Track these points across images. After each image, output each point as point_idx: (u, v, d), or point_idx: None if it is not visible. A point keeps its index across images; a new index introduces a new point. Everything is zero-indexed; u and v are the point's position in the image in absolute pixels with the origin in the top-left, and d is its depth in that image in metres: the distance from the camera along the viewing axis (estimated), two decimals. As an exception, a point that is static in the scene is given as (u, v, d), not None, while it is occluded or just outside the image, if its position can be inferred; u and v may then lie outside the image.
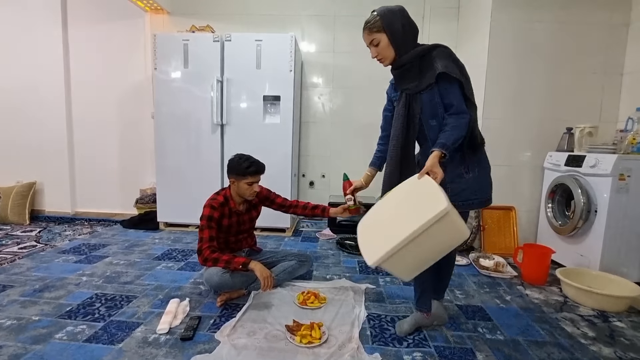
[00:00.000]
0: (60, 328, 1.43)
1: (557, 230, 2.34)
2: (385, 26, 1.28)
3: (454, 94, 1.26)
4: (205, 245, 1.65)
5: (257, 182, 1.79)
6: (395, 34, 1.28)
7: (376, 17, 1.30)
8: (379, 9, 1.31)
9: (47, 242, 2.71)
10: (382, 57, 1.34)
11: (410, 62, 1.30)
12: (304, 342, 1.35)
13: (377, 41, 1.31)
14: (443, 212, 0.99)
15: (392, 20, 1.28)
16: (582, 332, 1.56)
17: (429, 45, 1.31)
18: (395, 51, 1.31)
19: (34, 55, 3.40)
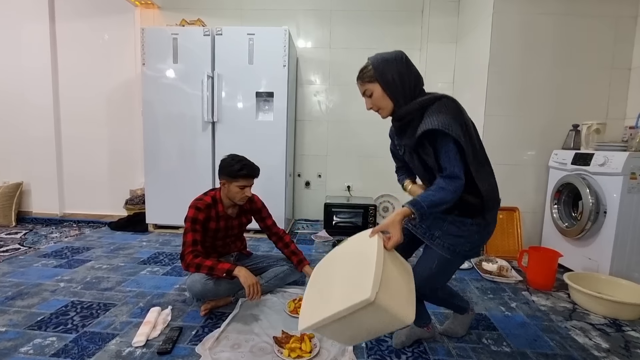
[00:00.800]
0: (28, 340, 1.31)
1: (564, 232, 2.23)
2: (378, 76, 1.15)
3: (447, 155, 1.08)
4: (188, 250, 1.53)
5: (249, 187, 1.67)
6: (390, 83, 1.14)
7: (368, 66, 1.18)
8: (373, 57, 1.20)
9: (31, 244, 2.59)
10: (378, 108, 1.21)
11: (409, 115, 1.16)
12: (293, 356, 1.24)
13: (370, 92, 1.19)
14: (365, 302, 0.81)
15: (385, 69, 1.15)
16: (594, 342, 1.44)
17: (434, 96, 1.15)
18: (392, 101, 1.17)
19: (19, 51, 3.28)
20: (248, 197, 1.67)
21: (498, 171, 2.55)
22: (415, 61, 3.28)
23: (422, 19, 3.21)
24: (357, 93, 3.43)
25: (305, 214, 3.49)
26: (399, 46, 3.17)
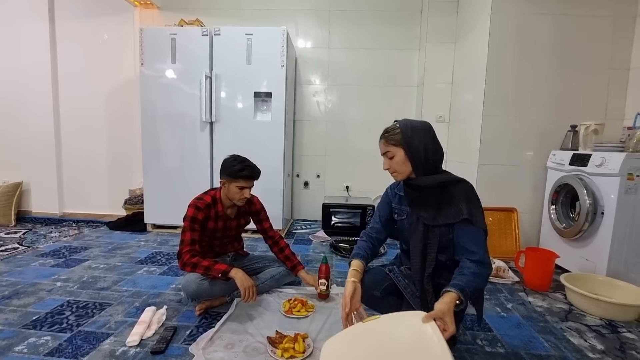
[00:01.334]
0: (23, 339, 1.32)
1: (561, 233, 2.22)
2: (405, 142, 1.16)
3: (478, 240, 1.11)
4: (185, 249, 1.53)
5: (248, 188, 1.66)
6: (414, 152, 1.16)
7: (396, 129, 1.19)
8: (402, 122, 1.20)
9: (30, 244, 2.60)
10: (395, 172, 1.22)
11: (431, 188, 1.17)
12: (286, 356, 1.24)
13: (392, 154, 1.20)
14: None
15: (412, 137, 1.16)
16: (589, 344, 1.44)
17: (454, 178, 1.19)
18: (412, 169, 1.19)
19: (19, 51, 3.30)
20: (247, 198, 1.67)
21: (496, 172, 2.58)
22: (414, 61, 3.29)
23: (421, 19, 3.21)
24: (356, 94, 3.46)
25: (304, 214, 3.49)
26: (397, 46, 3.22)
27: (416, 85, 3.27)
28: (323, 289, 1.72)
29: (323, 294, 1.73)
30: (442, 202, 1.17)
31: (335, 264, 2.31)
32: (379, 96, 3.32)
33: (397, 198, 1.33)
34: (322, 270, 1.72)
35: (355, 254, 1.31)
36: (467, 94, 2.78)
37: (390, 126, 1.23)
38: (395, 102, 3.31)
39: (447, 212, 1.15)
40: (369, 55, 3.28)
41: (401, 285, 1.28)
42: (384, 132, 1.23)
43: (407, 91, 3.30)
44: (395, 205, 1.33)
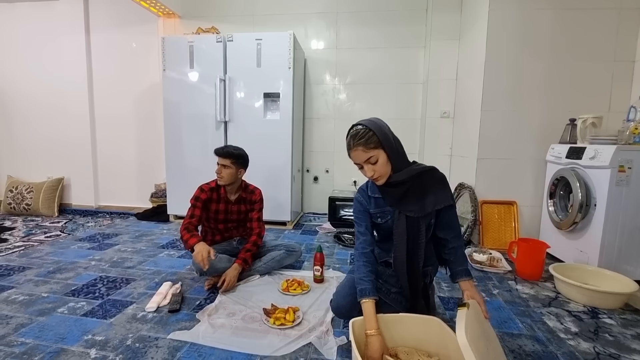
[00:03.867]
0: (64, 304, 1.60)
1: (558, 225, 2.27)
2: (383, 141, 1.15)
3: (454, 216, 1.30)
4: (185, 221, 1.81)
5: (222, 165, 1.87)
6: (393, 149, 1.18)
7: (369, 132, 1.15)
8: (367, 122, 1.17)
9: (70, 232, 2.96)
10: (379, 175, 1.19)
11: (410, 181, 1.22)
12: (277, 324, 1.43)
13: (376, 158, 1.16)
14: None
15: (386, 134, 1.17)
16: (564, 327, 1.52)
17: (425, 167, 1.25)
18: (392, 168, 1.20)
19: (60, 61, 3.70)
20: (221, 175, 1.86)
21: (496, 165, 2.65)
22: (420, 59, 3.38)
23: (426, 17, 3.28)
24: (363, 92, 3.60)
25: (314, 207, 3.68)
26: (403, 44, 3.32)
27: (422, 82, 3.36)
28: (317, 275, 1.90)
29: (318, 278, 1.90)
30: (423, 192, 1.23)
31: (337, 252, 2.47)
32: (385, 94, 3.43)
33: (373, 202, 1.31)
34: (317, 258, 1.90)
35: (362, 289, 1.20)
36: (468, 90, 2.84)
37: (359, 131, 1.17)
38: (401, 99, 3.40)
39: (431, 200, 1.22)
40: (375, 54, 3.40)
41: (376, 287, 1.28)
42: (358, 139, 1.16)
43: (413, 88, 3.38)
44: (375, 210, 1.31)
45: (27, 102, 3.86)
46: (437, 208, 1.24)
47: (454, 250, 1.30)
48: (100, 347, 1.27)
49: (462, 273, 1.27)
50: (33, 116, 3.87)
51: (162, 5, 3.33)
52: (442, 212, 1.28)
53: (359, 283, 1.23)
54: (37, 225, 3.18)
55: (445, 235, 1.30)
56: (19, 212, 3.63)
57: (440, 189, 1.26)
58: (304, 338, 1.34)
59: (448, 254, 1.31)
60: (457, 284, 1.29)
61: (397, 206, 1.24)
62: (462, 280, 1.26)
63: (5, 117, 3.93)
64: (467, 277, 1.26)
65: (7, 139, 3.97)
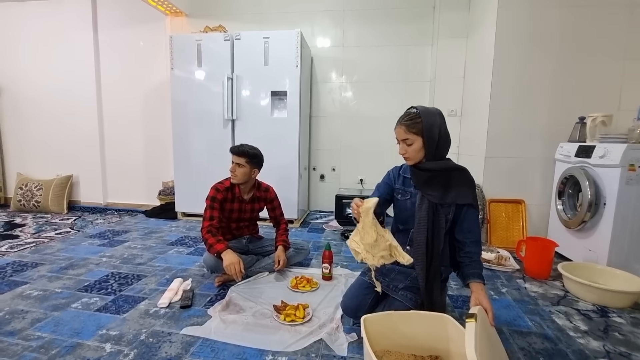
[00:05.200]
0: (77, 299, 1.63)
1: (566, 224, 2.26)
2: (425, 130, 1.23)
3: (475, 221, 1.31)
4: (205, 224, 1.80)
5: (236, 164, 1.87)
6: (431, 141, 1.24)
7: (417, 117, 1.24)
8: (421, 108, 1.26)
9: (80, 229, 3.00)
10: (408, 157, 1.30)
11: (437, 171, 1.28)
12: (288, 320, 1.44)
13: (411, 142, 1.26)
14: None
15: (432, 127, 1.23)
16: (574, 325, 1.52)
17: (460, 166, 1.32)
18: (425, 155, 1.28)
19: (69, 59, 3.74)
20: (235, 174, 1.86)
21: (504, 164, 2.64)
22: (427, 57, 3.38)
23: (433, 14, 3.27)
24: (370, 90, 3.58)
25: (320, 206, 3.69)
26: (410, 42, 3.31)
27: (429, 80, 3.35)
28: (326, 272, 1.91)
29: (326, 276, 1.92)
30: (448, 184, 1.29)
31: (344, 250, 2.48)
32: (392, 92, 3.43)
33: (401, 180, 1.41)
34: (326, 255, 1.91)
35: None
36: (476, 88, 2.83)
37: (410, 113, 1.27)
38: (408, 97, 3.40)
39: (453, 193, 1.28)
40: (382, 52, 3.39)
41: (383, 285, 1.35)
42: (405, 119, 1.26)
43: (420, 86, 3.38)
44: (399, 187, 1.40)
45: (36, 100, 3.90)
46: (457, 202, 1.28)
47: (469, 254, 1.30)
48: (115, 342, 1.29)
49: (474, 275, 1.26)
50: (42, 114, 3.91)
51: (170, 4, 3.34)
52: (462, 213, 1.30)
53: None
54: (47, 222, 3.22)
55: (463, 238, 1.31)
56: (28, 209, 3.68)
57: (465, 188, 1.29)
58: (314, 334, 1.36)
59: (463, 257, 1.31)
60: (468, 286, 1.28)
61: (420, 188, 1.31)
62: (472, 282, 1.26)
63: (15, 114, 3.98)
64: (479, 280, 1.26)
65: (17, 137, 4.02)
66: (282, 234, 2.04)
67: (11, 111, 3.99)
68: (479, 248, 1.31)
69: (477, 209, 1.31)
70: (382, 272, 1.41)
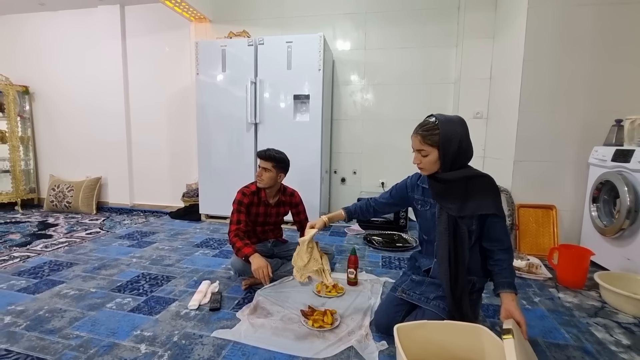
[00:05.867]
0: (111, 299, 1.68)
1: (602, 232, 2.16)
2: (442, 143, 1.18)
3: (504, 230, 1.25)
4: (233, 227, 1.82)
5: (263, 168, 1.88)
6: (448, 154, 1.19)
7: (435, 128, 1.19)
8: (441, 117, 1.20)
9: (109, 229, 3.10)
10: (423, 168, 1.26)
11: (455, 182, 1.23)
12: (316, 326, 1.44)
13: (426, 153, 1.22)
14: None
15: (451, 137, 1.17)
16: (615, 339, 1.45)
17: (479, 172, 1.24)
18: (440, 167, 1.23)
19: (99, 65, 3.89)
20: (262, 178, 1.87)
21: (534, 168, 2.56)
22: (452, 58, 3.32)
23: (458, 15, 3.21)
24: (392, 92, 3.55)
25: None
26: (434, 43, 3.27)
27: (453, 82, 3.29)
28: (351, 277, 1.90)
29: (352, 281, 1.90)
30: (467, 195, 1.23)
31: (367, 254, 2.46)
32: (415, 94, 3.38)
33: (420, 190, 1.39)
34: (352, 260, 1.90)
35: (345, 207, 1.63)
36: (504, 89, 2.76)
37: (428, 123, 1.21)
38: (431, 99, 3.35)
39: (473, 204, 1.22)
40: (404, 54, 3.35)
41: (415, 299, 1.35)
42: (421, 129, 1.22)
43: (444, 88, 3.32)
44: (419, 197, 1.39)
45: (68, 105, 4.08)
46: (477, 213, 1.22)
47: (499, 262, 1.25)
48: (149, 343, 1.32)
49: (504, 285, 1.22)
50: (73, 118, 4.08)
51: (195, 10, 3.42)
52: (487, 222, 1.25)
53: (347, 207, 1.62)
54: (78, 223, 3.35)
55: (490, 246, 1.27)
56: (60, 209, 3.84)
57: (486, 197, 1.22)
58: (344, 342, 1.35)
59: (492, 265, 1.27)
60: (498, 295, 1.24)
61: (437, 200, 1.28)
62: (503, 292, 1.21)
63: (48, 119, 4.17)
64: (509, 290, 1.21)
65: (50, 140, 4.21)
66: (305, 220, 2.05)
67: (44, 116, 4.18)
68: (509, 255, 1.26)
69: (502, 217, 1.25)
70: (412, 286, 1.40)
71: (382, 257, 2.39)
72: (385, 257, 2.41)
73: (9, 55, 4.16)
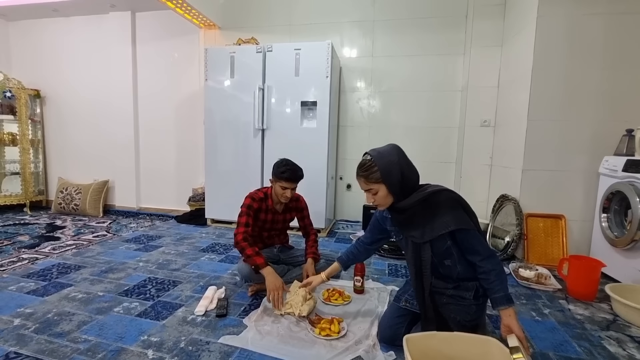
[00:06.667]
0: (119, 303, 1.68)
1: (613, 243, 2.13)
2: (385, 178, 1.19)
3: (475, 240, 1.20)
4: (240, 230, 1.78)
5: (290, 189, 1.86)
6: (394, 185, 1.20)
7: (373, 167, 1.20)
8: (375, 155, 1.22)
9: (115, 232, 3.12)
10: (378, 204, 1.28)
11: (411, 209, 1.23)
12: (323, 334, 1.43)
13: (375, 191, 1.23)
14: None
15: (391, 170, 1.19)
16: (628, 353, 1.42)
17: (431, 190, 1.23)
18: (394, 199, 1.24)
19: (109, 70, 3.95)
20: (288, 197, 1.88)
21: (543, 177, 2.54)
22: (459, 66, 3.32)
23: (466, 23, 3.22)
24: (399, 99, 3.55)
25: (346, 215, 3.67)
26: (441, 51, 3.27)
27: (460, 90, 3.28)
28: (358, 285, 1.89)
29: (358, 289, 1.89)
30: (427, 218, 1.21)
31: (373, 262, 2.45)
32: (422, 101, 3.38)
33: (388, 221, 1.39)
34: (358, 268, 1.88)
35: (338, 257, 1.64)
36: (513, 98, 2.75)
37: (365, 162, 1.23)
38: (438, 106, 3.34)
39: (433, 226, 1.20)
40: (412, 62, 3.37)
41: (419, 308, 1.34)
42: (362, 171, 1.24)
43: (451, 96, 3.32)
44: (390, 228, 1.39)
45: (77, 109, 4.14)
46: (437, 235, 1.19)
47: (484, 274, 1.21)
48: (157, 348, 1.32)
49: (499, 301, 1.18)
50: (82, 122, 4.14)
51: (204, 18, 3.47)
52: (457, 236, 1.21)
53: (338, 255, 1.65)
54: (85, 225, 3.38)
55: (472, 259, 1.23)
56: (68, 211, 3.88)
57: (444, 214, 1.19)
58: (351, 351, 1.34)
59: (481, 279, 1.23)
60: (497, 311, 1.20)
61: (402, 230, 1.31)
62: (501, 309, 1.18)
63: (57, 122, 4.23)
64: (505, 305, 1.17)
65: (59, 143, 4.27)
66: (312, 246, 2.02)
67: (54, 119, 4.24)
68: (493, 263, 1.19)
69: (467, 229, 1.19)
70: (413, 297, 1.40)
71: (388, 265, 2.38)
72: (391, 264, 2.39)
73: (21, 60, 4.25)
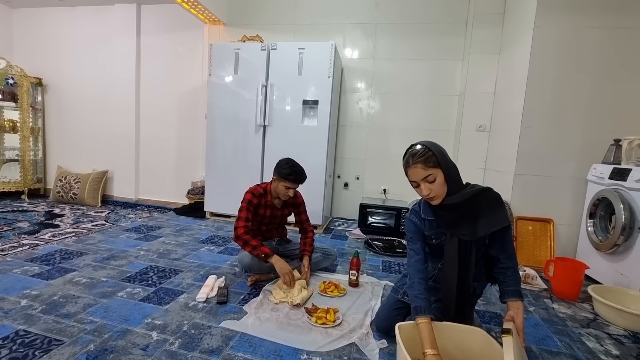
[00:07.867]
0: (122, 288, 1.74)
1: (597, 247, 2.23)
2: (442, 162, 1.18)
3: (509, 237, 1.28)
4: (241, 224, 1.85)
5: (293, 189, 1.94)
6: (451, 170, 1.20)
7: (428, 151, 1.18)
8: (426, 143, 1.21)
9: (114, 222, 3.16)
10: (435, 195, 1.20)
11: (464, 205, 1.21)
12: (319, 323, 1.50)
13: (434, 177, 1.18)
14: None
15: (445, 155, 1.20)
16: (605, 349, 1.51)
17: (481, 187, 1.23)
18: (448, 189, 1.20)
19: (112, 61, 3.98)
20: (290, 196, 1.95)
21: (533, 182, 2.64)
22: (458, 71, 3.41)
23: (465, 30, 3.31)
24: (398, 102, 3.63)
25: (343, 213, 3.75)
26: (441, 56, 3.37)
27: (458, 95, 3.37)
28: (353, 279, 1.96)
29: (353, 282, 1.97)
30: (476, 215, 1.22)
31: (368, 258, 2.53)
32: (420, 104, 3.47)
33: (427, 224, 1.32)
34: (354, 262, 1.96)
35: (417, 307, 1.20)
36: (508, 104, 2.84)
37: (419, 150, 1.21)
38: (436, 110, 3.43)
39: (484, 223, 1.21)
40: (412, 65, 3.45)
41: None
42: (418, 158, 1.19)
43: (449, 100, 3.40)
44: (429, 232, 1.32)
45: (78, 98, 4.16)
46: (491, 230, 1.22)
47: (504, 269, 1.28)
48: (160, 331, 1.38)
49: (511, 293, 1.25)
50: (84, 111, 4.16)
51: (210, 13, 3.51)
52: (496, 233, 1.25)
53: (414, 300, 1.23)
54: (84, 214, 3.41)
55: (497, 254, 1.29)
56: (66, 200, 3.90)
57: (494, 211, 1.23)
58: (345, 338, 1.41)
59: (498, 272, 1.31)
60: (505, 303, 1.27)
61: (450, 229, 1.26)
62: (510, 300, 1.24)
63: (58, 111, 4.25)
64: (516, 298, 1.23)
65: (59, 132, 4.28)
66: (311, 245, 2.06)
67: (55, 108, 4.26)
68: (514, 262, 1.28)
69: (509, 225, 1.28)
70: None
71: (382, 262, 2.45)
72: (385, 261, 2.47)
73: (25, 48, 4.26)
